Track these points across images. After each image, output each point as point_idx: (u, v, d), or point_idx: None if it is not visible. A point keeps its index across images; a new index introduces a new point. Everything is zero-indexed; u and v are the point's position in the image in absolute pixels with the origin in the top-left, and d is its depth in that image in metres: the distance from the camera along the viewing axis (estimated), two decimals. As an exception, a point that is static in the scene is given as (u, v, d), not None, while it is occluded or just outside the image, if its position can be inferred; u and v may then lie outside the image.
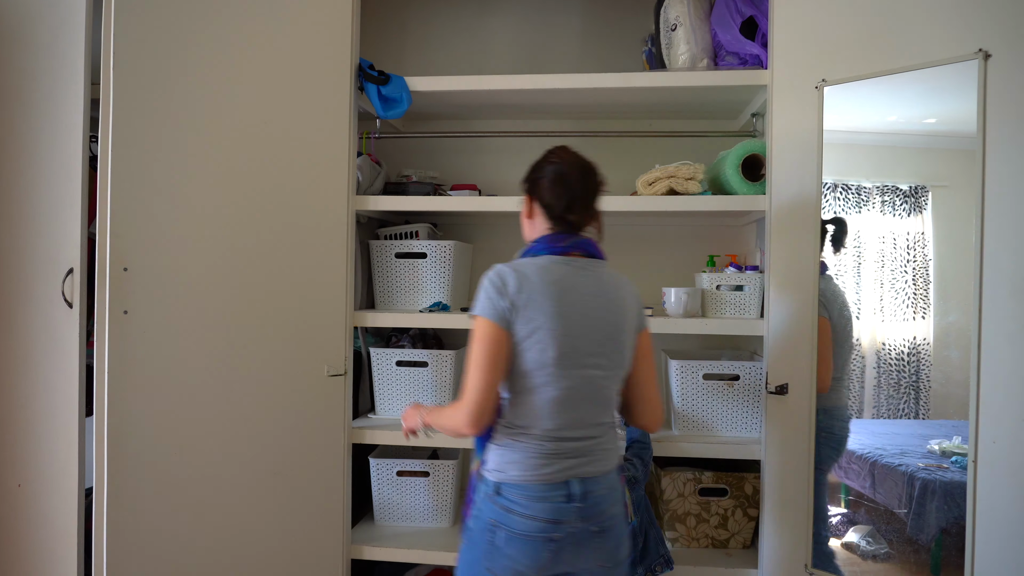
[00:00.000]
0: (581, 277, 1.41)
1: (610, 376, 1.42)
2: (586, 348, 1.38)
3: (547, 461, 1.36)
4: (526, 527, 1.33)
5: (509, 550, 1.33)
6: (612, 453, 1.44)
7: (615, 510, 1.39)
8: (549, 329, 1.35)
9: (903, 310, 1.75)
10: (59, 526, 1.68)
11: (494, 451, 1.40)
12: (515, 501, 1.34)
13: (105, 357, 1.59)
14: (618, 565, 1.40)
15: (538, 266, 1.40)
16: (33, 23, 1.73)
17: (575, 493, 1.35)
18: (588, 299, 1.40)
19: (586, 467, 1.37)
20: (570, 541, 1.33)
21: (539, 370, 1.36)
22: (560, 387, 1.36)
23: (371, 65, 2.12)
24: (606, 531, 1.36)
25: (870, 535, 1.79)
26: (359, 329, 2.30)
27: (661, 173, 2.09)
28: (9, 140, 1.74)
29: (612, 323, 1.41)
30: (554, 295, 1.37)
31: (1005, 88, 1.55)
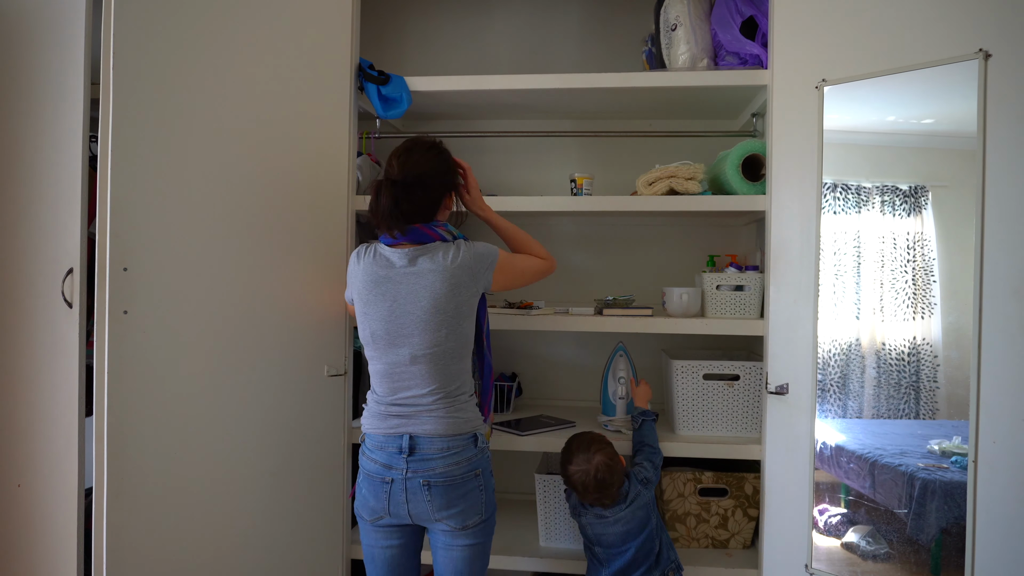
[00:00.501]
0: (397, 266, 1.62)
1: (431, 353, 1.60)
2: (395, 329, 1.61)
3: (384, 418, 1.64)
4: (370, 468, 1.63)
5: (363, 488, 1.65)
6: (449, 419, 1.61)
7: (451, 470, 1.59)
8: (363, 313, 1.65)
9: (903, 310, 1.75)
10: (59, 526, 1.68)
11: (364, 409, 1.72)
12: (367, 447, 1.66)
13: (105, 357, 1.58)
14: (454, 518, 1.60)
15: (370, 255, 1.67)
16: (33, 23, 1.72)
17: (404, 447, 1.59)
18: (399, 287, 1.61)
19: (417, 427, 1.61)
20: (400, 487, 1.59)
21: (366, 345, 1.68)
22: (382, 361, 1.65)
23: (371, 65, 2.12)
24: (434, 486, 1.58)
25: (870, 535, 1.79)
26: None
27: (661, 173, 2.09)
28: (9, 140, 1.73)
29: (424, 307, 1.60)
30: (368, 283, 1.64)
31: (1005, 88, 1.55)
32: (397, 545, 1.67)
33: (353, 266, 1.71)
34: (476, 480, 1.63)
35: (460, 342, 1.64)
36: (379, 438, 1.63)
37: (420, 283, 1.60)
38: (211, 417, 1.75)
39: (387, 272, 1.63)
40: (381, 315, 1.63)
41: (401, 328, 1.61)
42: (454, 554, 1.64)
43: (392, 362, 1.63)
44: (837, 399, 1.84)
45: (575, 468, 1.86)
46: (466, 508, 1.61)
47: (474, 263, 1.64)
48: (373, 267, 1.64)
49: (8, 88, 1.74)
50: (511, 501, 2.53)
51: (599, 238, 2.59)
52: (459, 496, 1.60)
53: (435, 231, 1.65)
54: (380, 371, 1.66)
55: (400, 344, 1.62)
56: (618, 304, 2.17)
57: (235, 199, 1.80)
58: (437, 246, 1.64)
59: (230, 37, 1.79)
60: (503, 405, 2.41)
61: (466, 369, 1.68)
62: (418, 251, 1.63)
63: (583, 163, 2.56)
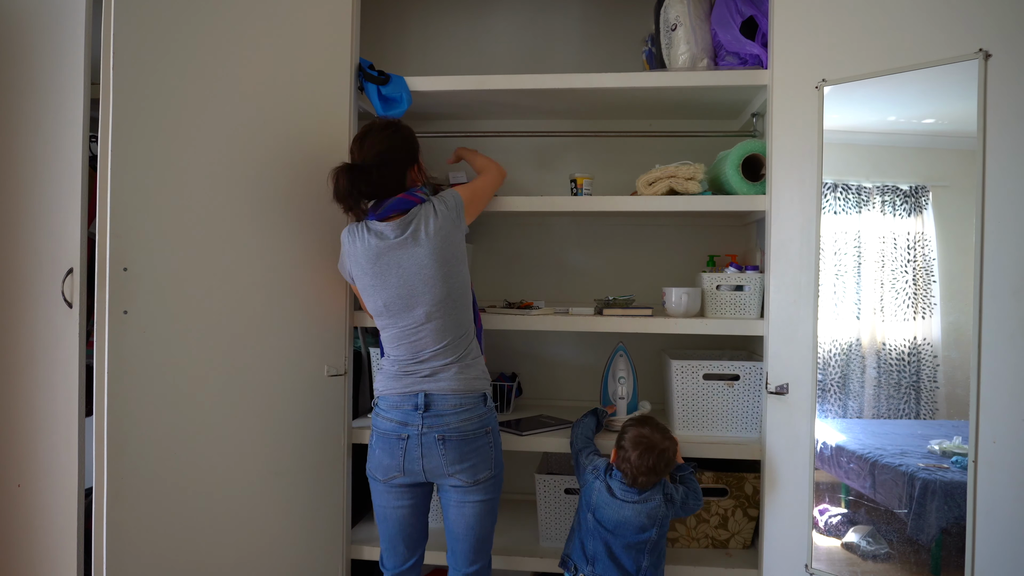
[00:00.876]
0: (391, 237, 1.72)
1: (442, 305, 1.71)
2: (407, 293, 1.71)
3: (399, 378, 1.74)
4: (384, 427, 1.73)
5: (376, 449, 1.74)
6: (461, 377, 1.73)
7: (464, 426, 1.70)
8: (371, 286, 1.74)
9: (903, 310, 1.75)
10: (59, 526, 1.68)
11: (378, 374, 1.83)
12: (381, 408, 1.75)
13: (105, 357, 1.59)
14: (465, 472, 1.70)
15: (362, 233, 1.75)
16: (33, 23, 1.72)
17: (420, 403, 1.69)
18: (402, 256, 1.71)
19: (431, 384, 1.71)
20: (416, 443, 1.69)
21: (379, 316, 1.77)
22: (398, 326, 1.74)
23: (371, 65, 2.12)
24: (448, 440, 1.68)
25: (870, 535, 1.79)
26: (359, 329, 2.30)
27: (661, 173, 2.09)
28: (9, 140, 1.73)
29: (429, 265, 1.71)
30: (370, 258, 1.73)
31: (1005, 88, 1.55)
32: (408, 505, 1.77)
33: (348, 243, 1.78)
34: (487, 436, 1.74)
35: (463, 286, 1.77)
36: (394, 398, 1.73)
37: (418, 245, 1.71)
38: (211, 417, 1.76)
39: (385, 244, 1.72)
40: (391, 284, 1.72)
41: (413, 290, 1.71)
42: (466, 510, 1.74)
43: (407, 324, 1.73)
44: (837, 399, 1.84)
45: (649, 433, 1.82)
46: (478, 462, 1.71)
47: (449, 210, 1.77)
48: (371, 244, 1.73)
49: (8, 88, 1.74)
50: (511, 501, 2.53)
51: (599, 238, 2.59)
52: (472, 450, 1.70)
53: (415, 195, 1.77)
54: (395, 335, 1.75)
55: (414, 306, 1.72)
56: (618, 304, 2.17)
57: (235, 199, 1.80)
58: (418, 209, 1.75)
59: (230, 37, 1.79)
60: (503, 405, 2.41)
61: (471, 318, 1.81)
62: (406, 219, 1.73)
63: (583, 163, 2.56)
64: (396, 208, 1.75)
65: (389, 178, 1.75)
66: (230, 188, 1.79)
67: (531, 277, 2.60)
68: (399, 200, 1.75)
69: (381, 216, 1.75)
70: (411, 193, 1.77)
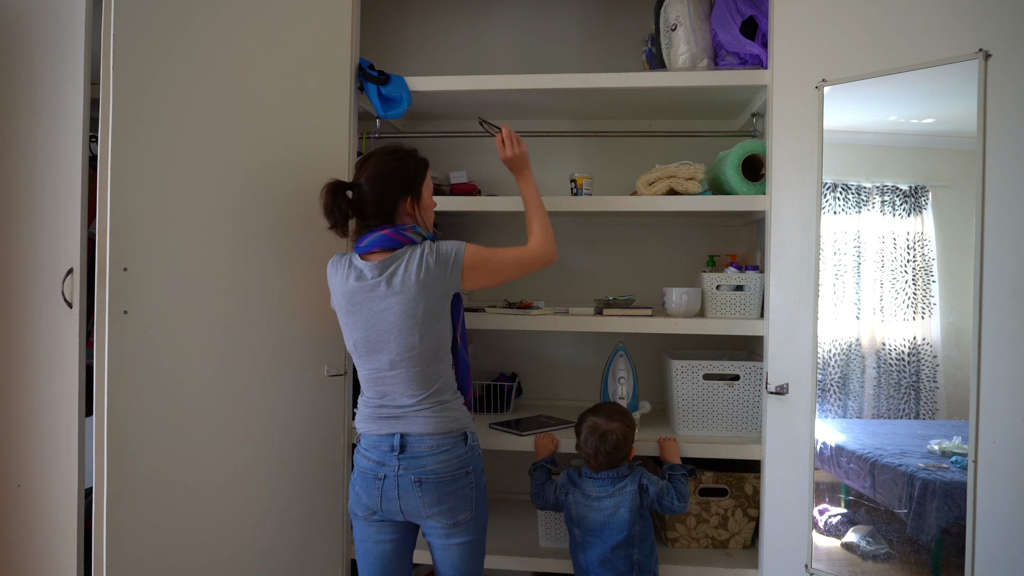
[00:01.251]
0: (368, 277, 1.65)
1: (408, 357, 1.64)
2: (373, 338, 1.66)
3: (374, 420, 1.68)
4: (363, 465, 1.68)
5: (356, 486, 1.69)
6: (436, 419, 1.65)
7: (441, 467, 1.63)
8: (344, 323, 1.71)
9: (903, 310, 1.75)
10: (59, 526, 1.68)
11: (356, 411, 1.76)
12: (362, 446, 1.71)
13: (105, 357, 1.58)
14: (444, 515, 1.63)
15: (345, 265, 1.70)
16: (33, 23, 1.72)
17: (396, 445, 1.63)
18: (373, 299, 1.65)
19: (407, 427, 1.65)
20: (392, 483, 1.63)
21: (351, 352, 1.73)
22: (366, 368, 1.70)
23: (371, 65, 2.12)
24: (425, 482, 1.62)
25: (870, 535, 1.79)
26: (359, 329, 2.30)
27: (661, 173, 2.09)
28: (9, 140, 1.73)
29: (397, 314, 1.63)
30: (346, 294, 1.68)
31: (1005, 88, 1.55)
32: (390, 540, 1.70)
33: (331, 275, 1.74)
34: (467, 477, 1.66)
35: (435, 343, 1.67)
36: (372, 438, 1.68)
37: (391, 293, 1.63)
38: (211, 417, 1.76)
39: (360, 285, 1.66)
40: (360, 325, 1.67)
41: (379, 336, 1.65)
42: (450, 552, 1.68)
43: (374, 368, 1.68)
44: (837, 399, 1.84)
45: (596, 419, 1.91)
46: (456, 504, 1.64)
47: (439, 264, 1.65)
48: (348, 281, 1.68)
49: (8, 88, 1.74)
50: (511, 501, 2.53)
51: (599, 238, 2.59)
52: (449, 493, 1.63)
53: (403, 235, 1.68)
54: (365, 376, 1.72)
55: (379, 351, 1.66)
56: (618, 304, 2.17)
57: (235, 199, 1.80)
58: (404, 251, 1.66)
59: (230, 37, 1.79)
60: (503, 405, 2.41)
61: (446, 369, 1.70)
62: (388, 260, 1.65)
63: (583, 163, 2.56)
64: (380, 245, 1.67)
65: (375, 202, 1.69)
66: (230, 187, 1.79)
67: (531, 277, 2.60)
68: (384, 236, 1.66)
69: (363, 250, 1.68)
70: (399, 231, 1.67)
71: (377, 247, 1.67)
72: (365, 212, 1.70)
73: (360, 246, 1.70)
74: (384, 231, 1.67)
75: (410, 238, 1.68)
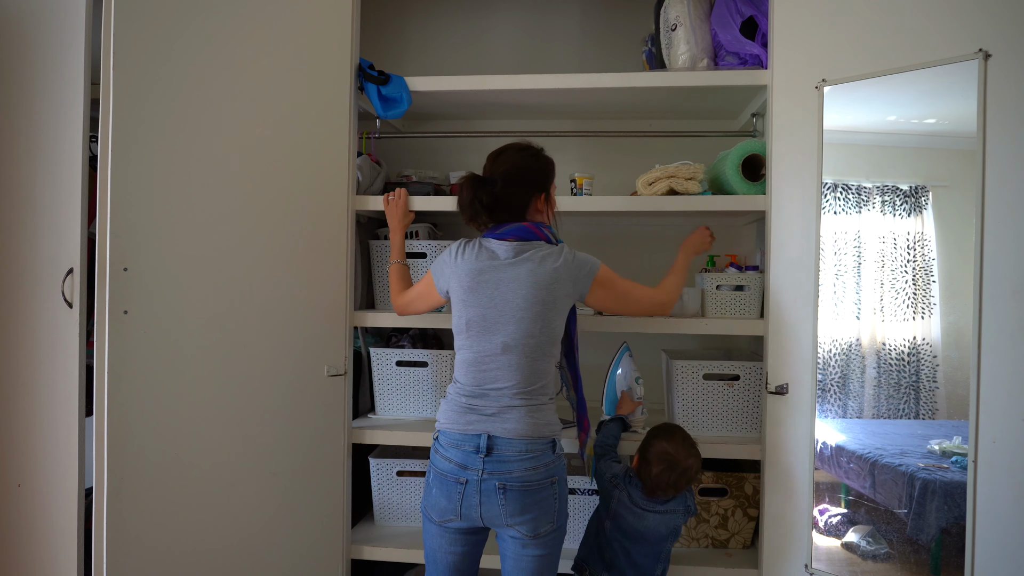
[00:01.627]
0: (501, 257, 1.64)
1: (523, 343, 1.60)
2: (493, 316, 1.61)
3: (463, 413, 1.61)
4: (443, 467, 1.60)
5: (434, 488, 1.61)
6: (530, 420, 1.59)
7: (528, 475, 1.56)
8: (462, 300, 1.65)
9: (903, 310, 1.75)
10: (59, 526, 1.68)
11: (441, 403, 1.70)
12: (441, 444, 1.63)
13: (105, 357, 1.59)
14: (525, 524, 1.57)
15: (474, 247, 1.68)
16: (33, 23, 1.72)
17: (482, 446, 1.56)
18: (502, 277, 1.62)
19: (496, 426, 1.58)
20: (475, 488, 1.56)
21: (458, 335, 1.67)
22: (473, 350, 1.64)
23: (371, 65, 2.12)
24: (509, 490, 1.55)
25: (870, 535, 1.79)
26: (359, 329, 2.30)
27: (661, 173, 2.09)
28: (9, 140, 1.74)
29: (523, 296, 1.60)
30: (472, 272, 1.64)
31: (1005, 88, 1.55)
32: (461, 552, 1.65)
33: (449, 259, 1.71)
34: (552, 488, 1.60)
35: (550, 338, 1.64)
36: (455, 435, 1.61)
37: (522, 274, 1.61)
38: (211, 417, 1.76)
39: (492, 262, 1.64)
40: (480, 302, 1.62)
41: (499, 316, 1.61)
42: (523, 564, 1.61)
43: (482, 350, 1.63)
44: (837, 399, 1.84)
45: (674, 450, 1.80)
46: (539, 515, 1.57)
47: (575, 267, 1.66)
48: (479, 258, 1.65)
49: (8, 88, 1.74)
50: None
51: (599, 238, 2.59)
52: (534, 503, 1.57)
53: (541, 231, 1.68)
54: (469, 359, 1.65)
55: (495, 332, 1.61)
56: (618, 304, 2.17)
57: (235, 199, 1.80)
58: (542, 245, 1.67)
59: (230, 37, 1.79)
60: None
61: (551, 371, 1.67)
62: (523, 246, 1.65)
63: (583, 163, 2.56)
64: (518, 234, 1.67)
65: (512, 196, 1.68)
66: (230, 187, 1.79)
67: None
68: (523, 228, 1.67)
69: (499, 236, 1.67)
70: (539, 227, 1.68)
71: (514, 235, 1.67)
72: (499, 207, 1.68)
73: (496, 232, 1.68)
74: (523, 223, 1.68)
75: (548, 236, 1.70)
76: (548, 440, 1.61)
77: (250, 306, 1.82)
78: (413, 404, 2.23)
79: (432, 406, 2.23)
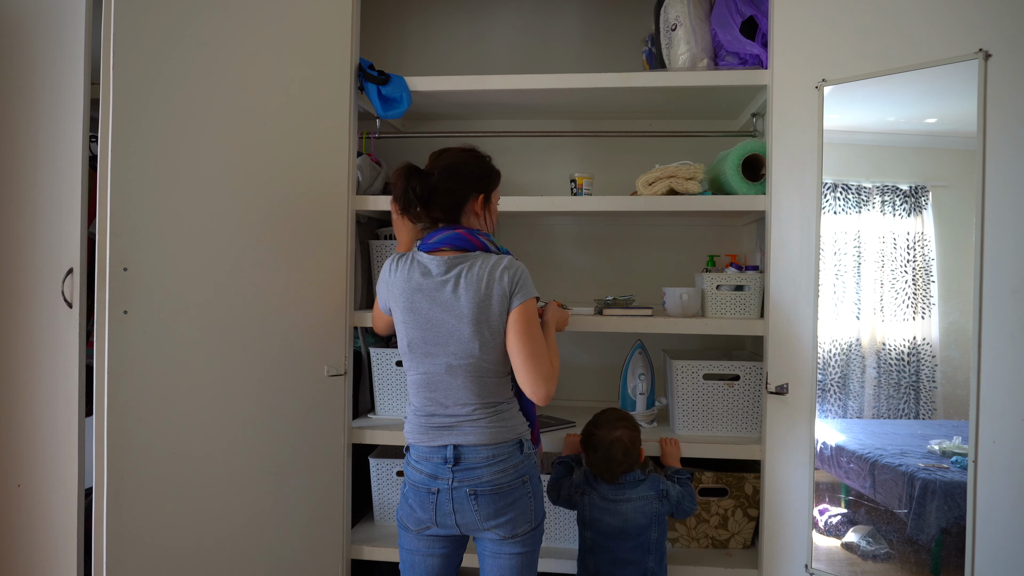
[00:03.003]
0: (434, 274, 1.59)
1: (467, 364, 1.57)
2: (432, 338, 1.58)
3: (425, 431, 1.60)
4: (415, 478, 1.60)
5: (409, 499, 1.62)
6: (492, 428, 1.58)
7: (498, 478, 1.56)
8: (402, 321, 1.62)
9: (903, 310, 1.75)
10: (59, 526, 1.68)
11: (405, 421, 1.68)
12: (412, 458, 1.64)
13: (105, 357, 1.59)
14: (502, 527, 1.57)
15: (406, 263, 1.63)
16: (33, 23, 1.72)
17: (449, 457, 1.57)
18: (436, 296, 1.58)
19: (460, 438, 1.57)
20: (447, 496, 1.57)
21: (403, 355, 1.64)
22: (419, 371, 1.61)
23: (371, 65, 2.12)
24: (481, 495, 1.55)
25: (870, 535, 1.79)
26: (359, 329, 2.30)
27: (661, 173, 2.09)
28: (9, 140, 1.74)
29: (460, 315, 1.56)
30: (407, 291, 1.60)
31: (1005, 88, 1.55)
32: (440, 555, 1.64)
33: (386, 276, 1.67)
34: (524, 487, 1.59)
35: (496, 356, 1.58)
36: (423, 449, 1.60)
37: (457, 292, 1.56)
38: (211, 417, 1.76)
39: (425, 280, 1.59)
40: (418, 324, 1.58)
41: (437, 336, 1.57)
42: (502, 562, 1.60)
43: (428, 371, 1.60)
44: (837, 399, 1.84)
45: (599, 432, 1.86)
46: (515, 516, 1.57)
47: (509, 281, 1.56)
48: (411, 275, 1.60)
49: (8, 88, 1.74)
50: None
51: (599, 238, 2.59)
52: (507, 504, 1.56)
53: (478, 239, 1.62)
54: (417, 381, 1.62)
55: (436, 354, 1.58)
56: (618, 304, 2.17)
57: (235, 199, 1.80)
58: (478, 255, 1.60)
59: (230, 37, 1.79)
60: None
61: (504, 383, 1.62)
62: (457, 259, 1.59)
63: (583, 163, 2.56)
64: (450, 243, 1.60)
65: (447, 192, 1.61)
66: (230, 187, 1.79)
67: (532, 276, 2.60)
68: (457, 235, 1.60)
69: (430, 247, 1.61)
70: (474, 234, 1.61)
71: (447, 245, 1.61)
72: (433, 202, 1.62)
73: (426, 243, 1.63)
74: (457, 230, 1.62)
75: (484, 244, 1.62)
76: (514, 442, 1.59)
77: (250, 306, 1.83)
78: (413, 404, 2.23)
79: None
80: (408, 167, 1.62)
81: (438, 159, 1.66)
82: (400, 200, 1.63)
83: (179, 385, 1.70)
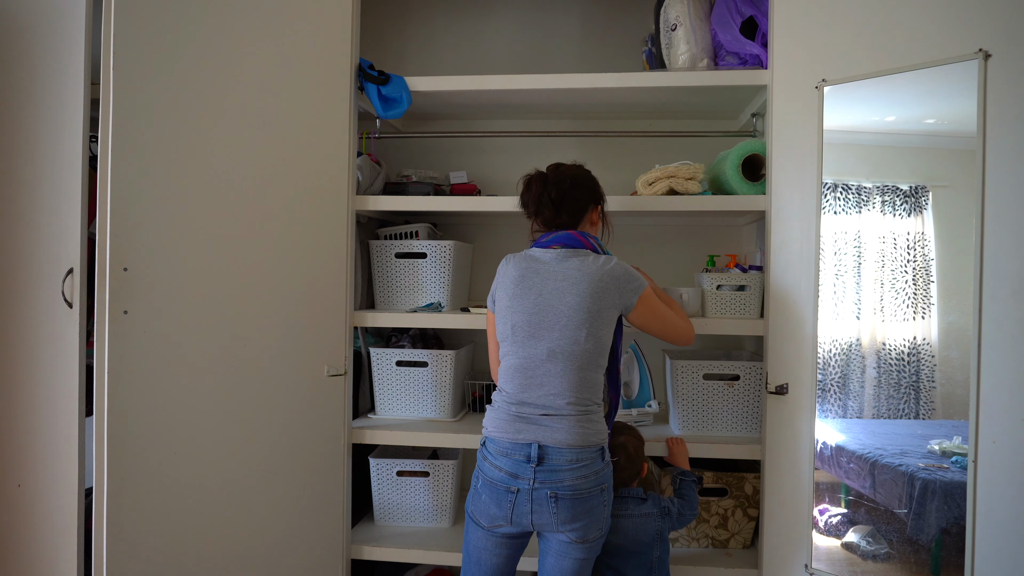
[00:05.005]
0: (547, 261, 1.66)
1: (569, 351, 1.60)
2: (538, 322, 1.61)
3: (511, 422, 1.60)
4: (493, 475, 1.59)
5: (483, 494, 1.61)
6: (579, 429, 1.58)
7: (579, 483, 1.56)
8: (507, 307, 1.65)
9: (903, 310, 1.75)
10: (59, 526, 1.68)
11: (488, 410, 1.69)
12: (489, 451, 1.62)
13: (105, 357, 1.59)
14: (576, 531, 1.58)
15: (519, 257, 1.71)
16: (33, 23, 1.72)
17: (532, 455, 1.56)
18: (546, 280, 1.64)
19: (546, 435, 1.57)
20: (526, 497, 1.56)
21: (504, 341, 1.66)
22: (519, 355, 1.63)
23: (371, 65, 2.12)
24: (561, 498, 1.55)
25: (870, 535, 1.79)
26: (359, 329, 2.30)
27: (661, 173, 2.09)
28: (9, 140, 1.74)
29: (568, 303, 1.61)
30: (516, 277, 1.66)
31: (1005, 88, 1.55)
32: (506, 555, 1.67)
33: (502, 267, 1.73)
34: (602, 495, 1.60)
35: (598, 347, 1.63)
36: (504, 444, 1.60)
37: (568, 279, 1.62)
38: (211, 417, 1.76)
39: (536, 266, 1.66)
40: (525, 307, 1.63)
41: (543, 321, 1.61)
42: (566, 564, 1.62)
43: (528, 356, 1.62)
44: (837, 399, 1.84)
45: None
46: (590, 522, 1.58)
47: (623, 278, 1.65)
48: (523, 263, 1.68)
49: (8, 88, 1.74)
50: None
51: (599, 238, 2.59)
52: (584, 511, 1.57)
53: (588, 240, 1.71)
54: (514, 366, 1.64)
55: (540, 337, 1.61)
56: (618, 304, 2.17)
57: (235, 199, 1.80)
58: (588, 252, 1.69)
59: (230, 37, 1.79)
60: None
61: (599, 380, 1.66)
62: (570, 253, 1.67)
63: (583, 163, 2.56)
64: (563, 242, 1.69)
65: (575, 199, 1.72)
66: (230, 187, 1.79)
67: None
68: (569, 236, 1.69)
69: (544, 245, 1.70)
70: (585, 236, 1.71)
71: (559, 243, 1.69)
72: (563, 206, 1.71)
73: (540, 242, 1.71)
74: (571, 232, 1.70)
75: (593, 246, 1.71)
76: (597, 448, 1.61)
77: (250, 306, 1.83)
78: (413, 404, 2.23)
79: (432, 406, 2.23)
80: (540, 174, 1.75)
81: (559, 170, 1.76)
82: (533, 204, 1.73)
83: (179, 385, 1.70)
